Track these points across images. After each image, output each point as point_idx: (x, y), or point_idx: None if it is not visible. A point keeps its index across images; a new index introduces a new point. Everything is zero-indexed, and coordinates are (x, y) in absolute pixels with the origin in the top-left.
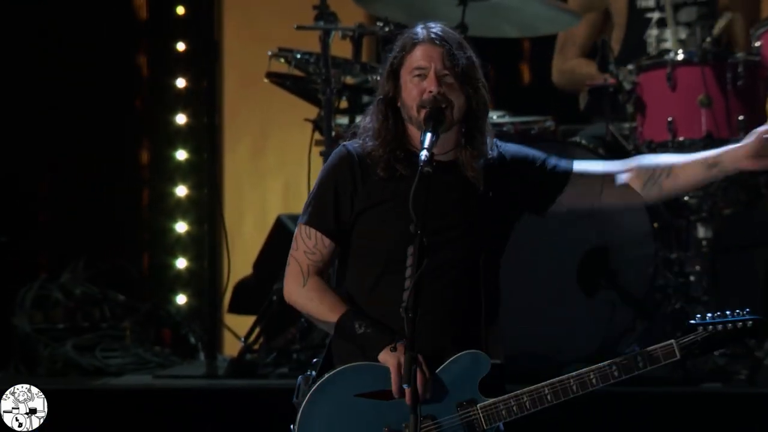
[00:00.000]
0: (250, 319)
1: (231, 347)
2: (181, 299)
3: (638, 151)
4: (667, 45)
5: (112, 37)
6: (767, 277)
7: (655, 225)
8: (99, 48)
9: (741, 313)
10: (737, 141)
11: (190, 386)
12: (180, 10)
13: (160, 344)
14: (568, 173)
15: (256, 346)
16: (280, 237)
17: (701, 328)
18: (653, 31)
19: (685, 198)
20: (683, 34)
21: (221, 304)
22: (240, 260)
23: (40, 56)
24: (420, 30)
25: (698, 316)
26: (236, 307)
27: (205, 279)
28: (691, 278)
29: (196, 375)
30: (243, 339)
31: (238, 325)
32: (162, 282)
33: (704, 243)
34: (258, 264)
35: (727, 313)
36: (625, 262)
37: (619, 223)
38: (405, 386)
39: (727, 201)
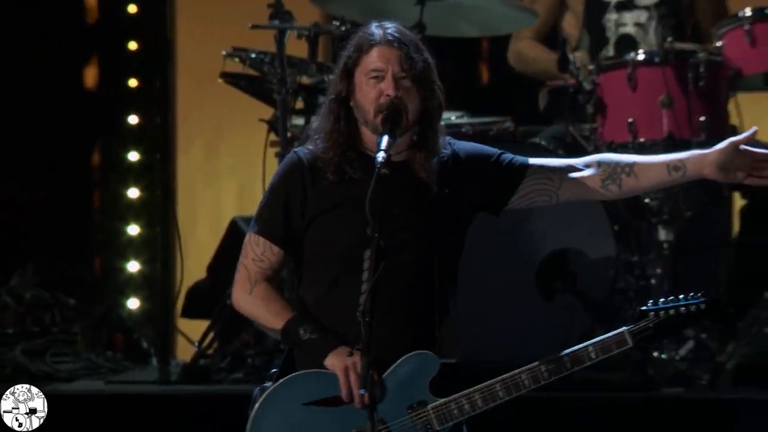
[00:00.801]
0: (203, 324)
1: (184, 352)
2: (133, 303)
3: (598, 153)
4: (627, 29)
5: (63, 36)
6: (729, 280)
7: (616, 227)
8: (49, 47)
9: (694, 295)
10: (699, 142)
11: (143, 392)
12: (132, 8)
13: (112, 349)
14: (525, 167)
15: (210, 351)
16: (234, 239)
17: (653, 314)
18: (612, 16)
19: (646, 200)
20: (643, 18)
21: (174, 308)
22: (193, 263)
23: None
24: (376, 30)
25: (650, 302)
26: (190, 311)
27: (158, 282)
28: (652, 281)
29: (149, 380)
30: (197, 344)
31: (192, 329)
32: (114, 286)
33: (665, 245)
34: (212, 267)
35: (680, 296)
36: (584, 265)
37: (578, 225)
38: (361, 391)
39: (689, 203)
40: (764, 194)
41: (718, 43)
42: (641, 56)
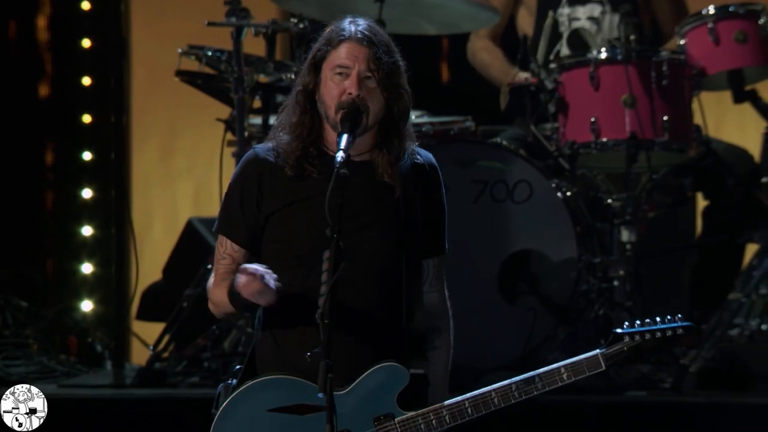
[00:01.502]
0: (159, 327)
1: (139, 355)
2: (87, 306)
3: (560, 153)
4: (580, 24)
5: (15, 33)
6: (692, 281)
7: (578, 229)
8: (0, 44)
9: (672, 319)
10: (662, 142)
11: (97, 396)
12: (86, 5)
13: (66, 352)
14: (439, 249)
15: (166, 354)
16: (190, 241)
17: (627, 337)
18: (565, 10)
19: (609, 201)
20: (597, 12)
21: (129, 311)
22: (149, 265)
23: None
24: (348, 26)
25: (626, 324)
26: (145, 314)
27: (113, 284)
28: (615, 283)
29: (103, 384)
30: (152, 347)
31: (147, 332)
32: (67, 288)
33: (628, 247)
34: (168, 269)
35: (657, 319)
36: (547, 267)
37: (540, 227)
38: (320, 395)
39: (652, 204)
40: (727, 194)
41: (681, 42)
42: (603, 55)
